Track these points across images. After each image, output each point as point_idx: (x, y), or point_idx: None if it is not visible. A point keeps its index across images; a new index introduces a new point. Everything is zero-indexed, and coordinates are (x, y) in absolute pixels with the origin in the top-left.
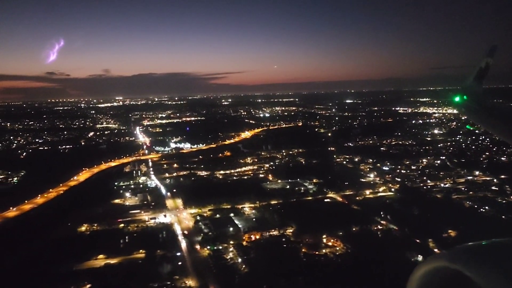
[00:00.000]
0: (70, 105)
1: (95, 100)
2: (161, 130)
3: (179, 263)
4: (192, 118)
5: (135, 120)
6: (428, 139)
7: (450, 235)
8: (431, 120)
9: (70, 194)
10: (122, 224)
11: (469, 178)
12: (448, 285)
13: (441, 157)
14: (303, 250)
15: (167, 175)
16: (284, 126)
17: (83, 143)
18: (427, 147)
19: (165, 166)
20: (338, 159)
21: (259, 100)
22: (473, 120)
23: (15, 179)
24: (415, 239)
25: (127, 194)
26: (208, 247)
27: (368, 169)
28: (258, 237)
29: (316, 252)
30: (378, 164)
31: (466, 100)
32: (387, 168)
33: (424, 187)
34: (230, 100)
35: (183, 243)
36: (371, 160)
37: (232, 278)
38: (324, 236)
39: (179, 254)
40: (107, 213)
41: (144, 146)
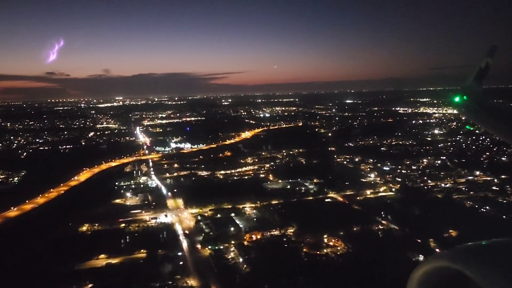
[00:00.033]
0: (70, 105)
1: (95, 100)
2: (161, 130)
3: (180, 263)
4: (192, 118)
5: (135, 120)
6: (429, 139)
7: (451, 235)
8: (431, 120)
9: (71, 194)
10: (123, 224)
11: (469, 178)
12: (448, 285)
13: (441, 157)
14: (304, 250)
15: (167, 175)
16: (284, 126)
17: (83, 143)
18: (427, 147)
19: (165, 166)
20: (338, 159)
21: (259, 100)
22: (473, 120)
23: (16, 179)
24: (416, 239)
25: (128, 194)
26: (209, 246)
27: (369, 169)
28: (259, 237)
29: (317, 252)
30: (379, 164)
31: (466, 100)
32: (387, 168)
33: (425, 187)
34: (230, 100)
35: (184, 243)
36: (372, 160)
37: (234, 277)
38: (325, 236)
39: (180, 253)
40: (108, 213)
41: (145, 146)
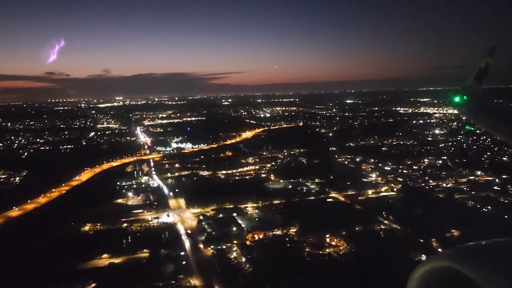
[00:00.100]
0: (70, 105)
1: (95, 100)
2: (162, 130)
3: (183, 263)
4: (193, 118)
5: (135, 120)
6: (429, 139)
7: (453, 234)
8: (432, 120)
9: (73, 194)
10: (126, 224)
11: (471, 178)
12: (448, 285)
13: (442, 157)
14: (307, 250)
15: (169, 175)
16: (285, 126)
17: (84, 143)
18: (428, 147)
19: (166, 166)
20: (339, 159)
21: (260, 100)
22: (473, 120)
23: (17, 179)
24: (418, 238)
25: (130, 194)
26: (212, 246)
27: (370, 169)
28: (261, 236)
29: (320, 252)
30: (380, 164)
31: (466, 100)
32: (388, 168)
33: (426, 187)
34: (230, 100)
35: (186, 242)
36: (373, 160)
37: (236, 277)
38: (327, 235)
39: (183, 253)
40: (110, 212)
41: (145, 146)
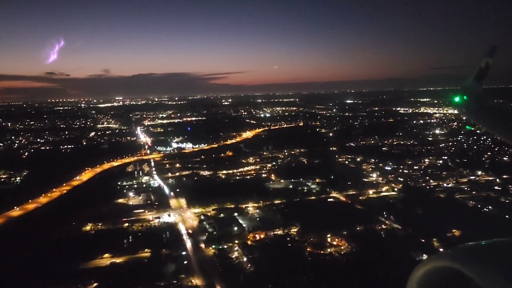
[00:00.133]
0: (70, 105)
1: (95, 100)
2: (162, 130)
3: (184, 262)
4: (193, 118)
5: (136, 120)
6: (430, 139)
7: (454, 234)
8: (432, 120)
9: (74, 193)
10: (127, 224)
11: (471, 178)
12: (448, 284)
13: (443, 157)
14: (308, 250)
15: (169, 174)
16: (285, 126)
17: (84, 143)
18: (428, 147)
19: (167, 166)
20: (340, 159)
21: (260, 100)
22: (473, 120)
23: (18, 178)
24: (419, 238)
25: (131, 194)
26: (213, 246)
27: (371, 169)
28: (262, 236)
29: (321, 252)
30: (381, 164)
31: (466, 100)
32: (389, 168)
33: (427, 187)
34: (231, 100)
35: (188, 242)
36: (373, 160)
37: (238, 277)
38: (329, 235)
39: (184, 253)
40: (111, 212)
41: (146, 146)
